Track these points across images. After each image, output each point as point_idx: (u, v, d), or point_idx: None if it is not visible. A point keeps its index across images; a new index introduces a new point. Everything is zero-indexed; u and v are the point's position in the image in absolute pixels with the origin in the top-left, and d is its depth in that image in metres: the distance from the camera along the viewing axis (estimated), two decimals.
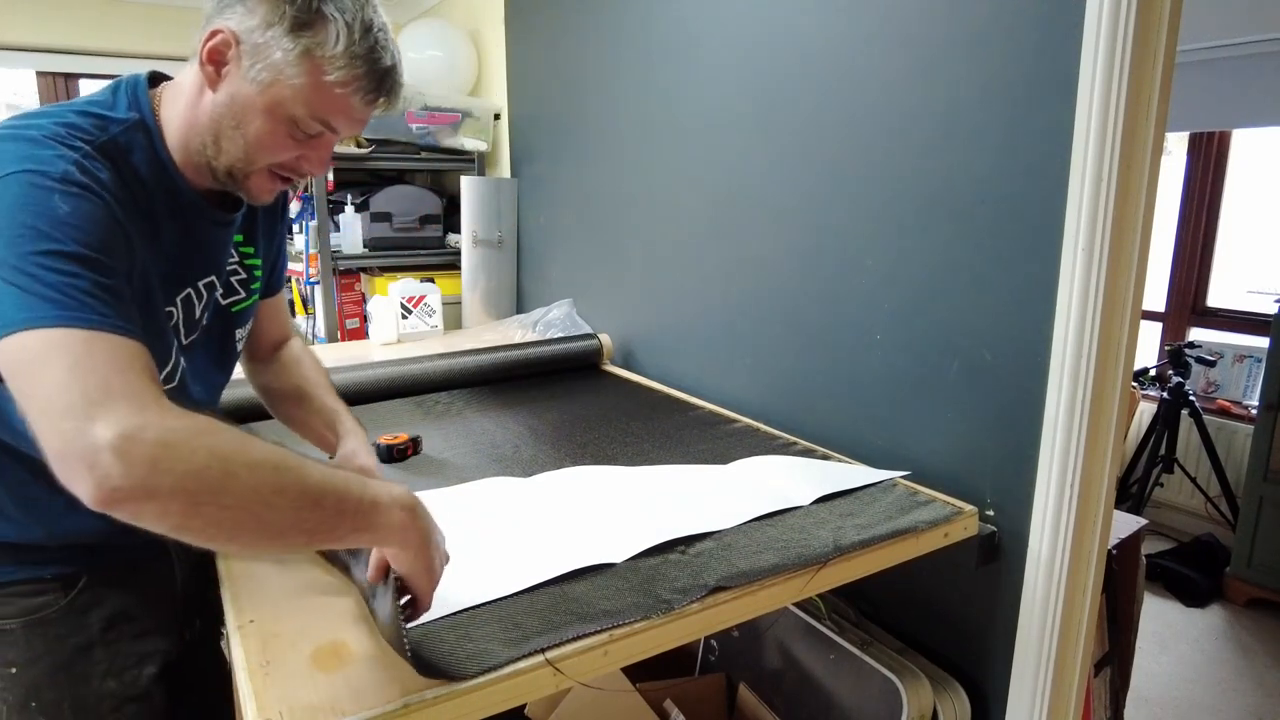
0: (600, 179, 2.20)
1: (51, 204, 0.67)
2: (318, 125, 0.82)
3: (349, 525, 0.67)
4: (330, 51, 0.78)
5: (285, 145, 0.83)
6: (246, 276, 1.02)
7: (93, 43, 3.59)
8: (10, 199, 0.67)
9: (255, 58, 0.78)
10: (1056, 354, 1.09)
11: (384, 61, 0.81)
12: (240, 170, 0.84)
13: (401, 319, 2.50)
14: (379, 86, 0.82)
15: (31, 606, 0.91)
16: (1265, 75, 2.92)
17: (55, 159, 0.70)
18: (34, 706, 0.92)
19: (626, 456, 1.40)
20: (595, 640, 0.83)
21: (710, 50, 1.70)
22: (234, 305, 1.00)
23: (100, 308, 0.65)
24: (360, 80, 0.80)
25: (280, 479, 0.63)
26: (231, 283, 1.00)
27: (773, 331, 1.61)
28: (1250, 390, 3.27)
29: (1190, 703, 2.27)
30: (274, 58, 0.78)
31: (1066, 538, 1.12)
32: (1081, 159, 1.03)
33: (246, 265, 1.02)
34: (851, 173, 1.39)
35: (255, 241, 1.03)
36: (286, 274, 1.17)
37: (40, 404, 0.60)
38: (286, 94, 0.79)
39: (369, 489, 0.69)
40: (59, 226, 0.67)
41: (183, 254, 0.89)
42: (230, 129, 0.81)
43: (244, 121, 0.81)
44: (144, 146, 0.82)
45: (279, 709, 0.72)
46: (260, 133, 0.81)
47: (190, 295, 0.91)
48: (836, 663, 1.31)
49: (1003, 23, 1.12)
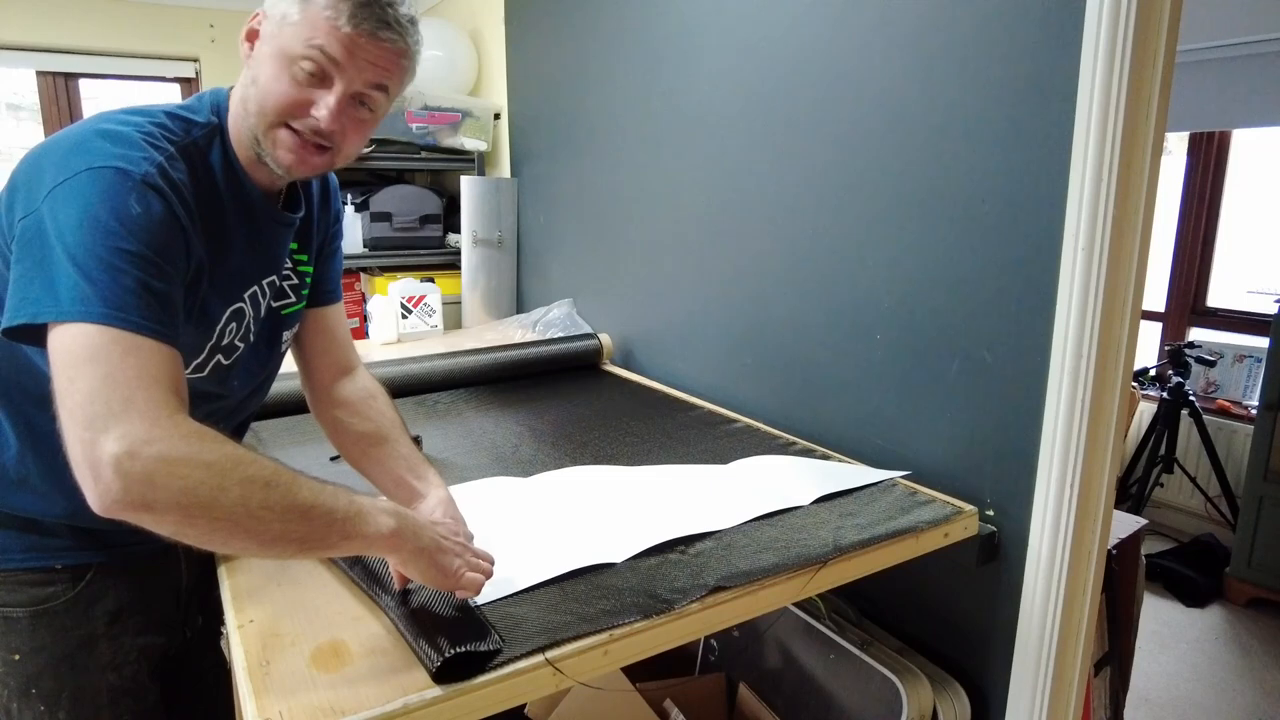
0: (600, 179, 2.20)
1: (128, 203, 0.74)
2: (317, 55, 0.83)
3: (337, 534, 0.74)
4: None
5: (288, 87, 0.84)
6: (298, 281, 1.04)
7: (93, 43, 3.59)
8: (95, 191, 0.73)
9: (271, 18, 0.85)
10: (1056, 354, 1.09)
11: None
12: (261, 129, 0.86)
13: (401, 319, 2.50)
14: (364, 8, 0.83)
15: (40, 596, 0.92)
16: (1265, 75, 2.91)
17: (141, 159, 0.77)
18: (34, 694, 0.94)
19: (626, 456, 1.40)
20: (595, 640, 0.83)
21: (710, 49, 1.70)
22: (284, 308, 1.03)
23: (145, 310, 0.72)
24: (344, 3, 0.82)
25: (269, 495, 0.69)
26: (283, 286, 1.02)
27: (773, 331, 1.61)
28: (1250, 390, 3.27)
29: (1190, 703, 2.27)
30: (281, 9, 0.84)
31: (1066, 538, 1.12)
32: (1081, 159, 1.03)
33: (299, 271, 1.04)
34: (851, 172, 1.39)
35: (309, 248, 1.05)
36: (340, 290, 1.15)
37: (70, 408, 0.67)
38: (287, 34, 0.83)
39: (355, 502, 0.76)
40: (128, 224, 0.73)
41: (251, 252, 0.93)
42: (249, 87, 0.86)
43: (259, 75, 0.85)
44: (219, 149, 0.88)
45: (279, 709, 0.72)
46: (268, 78, 0.84)
47: (257, 293, 0.96)
48: (836, 663, 1.31)
49: (1003, 23, 1.12)
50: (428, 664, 0.75)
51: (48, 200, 0.73)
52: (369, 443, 1.04)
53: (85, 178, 0.74)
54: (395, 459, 1.02)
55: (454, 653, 0.75)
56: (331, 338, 1.11)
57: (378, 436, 1.04)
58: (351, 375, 1.10)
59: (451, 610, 0.84)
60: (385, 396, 1.09)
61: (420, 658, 0.77)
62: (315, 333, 1.09)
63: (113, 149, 0.76)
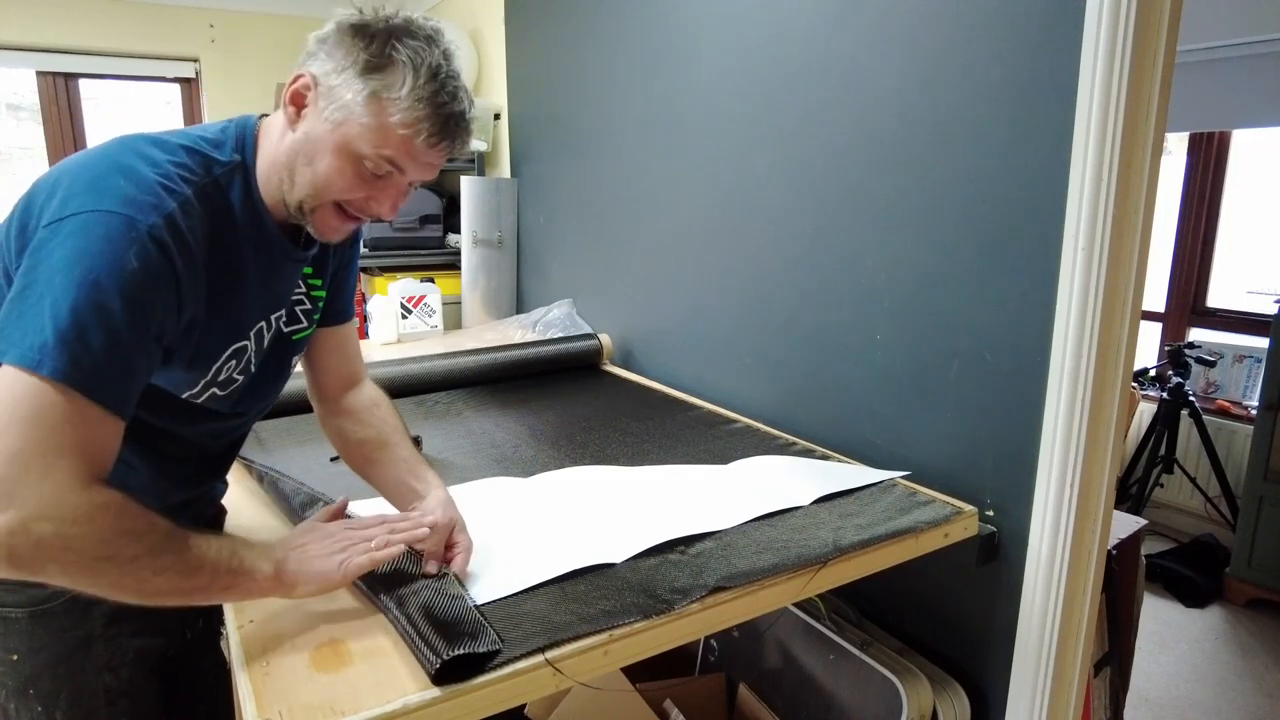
0: (600, 179, 2.20)
1: (127, 257, 0.72)
2: (385, 165, 0.84)
3: (219, 588, 0.77)
4: (396, 94, 0.81)
5: (352, 183, 0.85)
6: (310, 307, 1.04)
7: (93, 43, 3.59)
8: (96, 237, 0.72)
9: (330, 99, 0.82)
10: (1056, 354, 1.09)
11: (449, 107, 0.83)
12: (308, 205, 0.86)
13: (401, 319, 2.50)
14: (442, 130, 0.84)
15: (38, 596, 0.92)
16: (1265, 75, 2.91)
17: (152, 208, 0.75)
18: (31, 694, 0.94)
19: (626, 456, 1.40)
20: (595, 640, 0.83)
21: (710, 50, 1.70)
22: (295, 333, 1.03)
23: (102, 375, 0.71)
24: (423, 122, 0.82)
25: (157, 560, 0.72)
26: (296, 312, 1.02)
27: (773, 331, 1.61)
28: (1250, 390, 3.27)
29: (1190, 703, 2.27)
30: (345, 98, 0.82)
31: (1066, 538, 1.12)
32: (1081, 159, 1.03)
33: (312, 296, 1.04)
34: (851, 172, 1.39)
35: (324, 273, 1.05)
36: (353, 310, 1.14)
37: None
38: (354, 132, 0.82)
39: (237, 555, 0.79)
40: (121, 279, 0.71)
41: (262, 289, 0.92)
42: (303, 165, 0.85)
43: (315, 158, 0.84)
44: (240, 186, 0.87)
45: (279, 709, 0.72)
46: (329, 169, 0.84)
47: (262, 328, 0.95)
48: (836, 663, 1.31)
49: (1003, 23, 1.12)
50: (427, 666, 0.76)
51: (49, 230, 0.73)
52: (371, 448, 1.06)
53: (91, 220, 0.72)
54: (395, 463, 1.04)
55: (452, 655, 0.75)
56: (343, 355, 1.12)
57: (379, 442, 1.06)
58: (358, 387, 1.13)
59: (450, 611, 0.84)
60: (389, 404, 1.12)
61: (420, 659, 0.77)
62: (327, 350, 1.10)
63: (126, 190, 0.75)
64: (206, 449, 1.01)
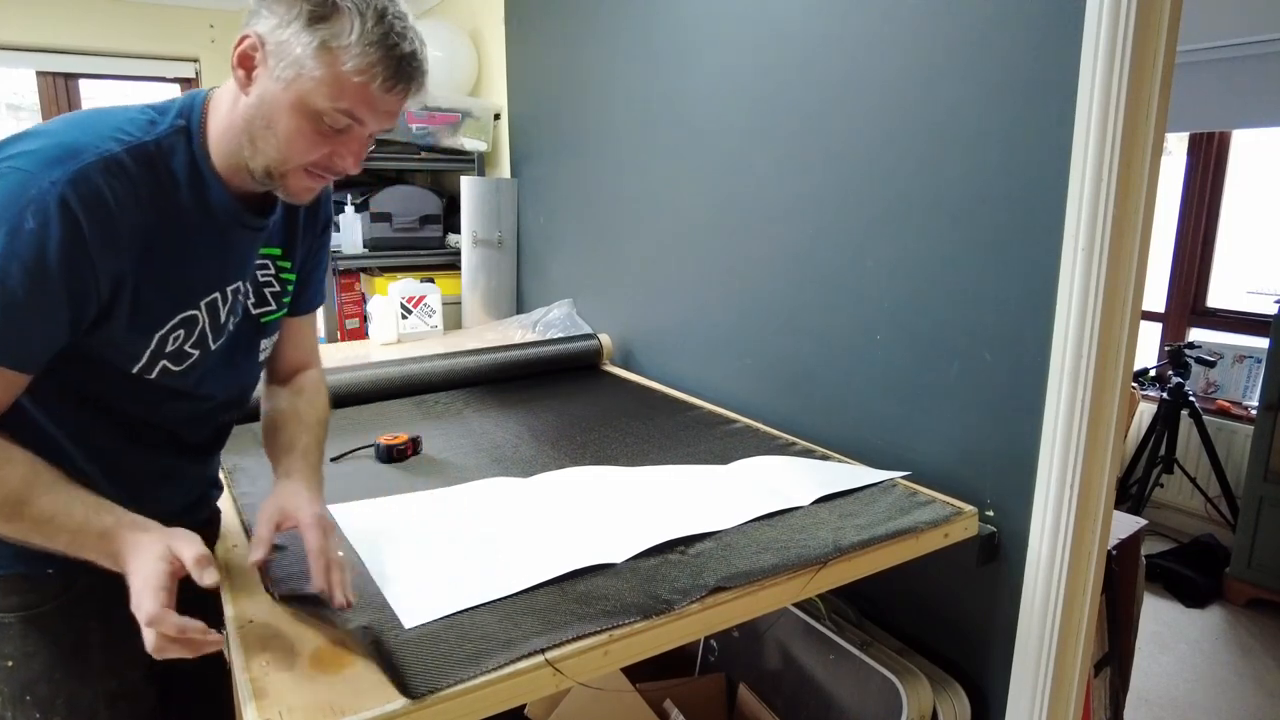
0: (600, 179, 2.20)
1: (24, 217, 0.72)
2: (343, 118, 0.82)
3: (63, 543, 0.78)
4: (345, 41, 0.79)
5: (313, 141, 0.83)
6: (280, 290, 1.03)
7: (93, 43, 3.59)
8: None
9: (279, 56, 0.80)
10: (1056, 354, 1.09)
11: (401, 48, 0.81)
12: (276, 169, 0.85)
13: (401, 319, 2.50)
14: (397, 73, 0.82)
15: (30, 601, 0.91)
16: (1265, 75, 2.91)
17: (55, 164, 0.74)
18: (29, 700, 0.93)
19: (626, 456, 1.40)
20: (595, 640, 0.83)
21: (711, 50, 1.70)
22: (264, 316, 1.01)
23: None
24: (377, 66, 0.80)
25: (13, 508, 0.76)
26: (265, 294, 1.00)
27: (773, 331, 1.61)
28: (1250, 390, 3.27)
29: (1190, 703, 2.27)
30: (295, 53, 0.80)
31: (1066, 538, 1.12)
32: (1081, 159, 1.03)
33: (281, 279, 1.03)
34: (851, 173, 1.39)
35: (293, 256, 1.04)
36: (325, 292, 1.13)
37: None
38: (309, 87, 0.80)
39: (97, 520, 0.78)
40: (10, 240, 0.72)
41: (210, 258, 0.90)
42: (262, 129, 0.83)
43: (274, 120, 0.82)
44: (184, 151, 0.85)
45: (279, 709, 0.72)
46: (289, 130, 0.82)
47: (216, 300, 0.92)
48: (836, 663, 1.31)
49: (1003, 23, 1.12)
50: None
51: None
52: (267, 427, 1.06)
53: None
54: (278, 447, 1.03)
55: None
56: (294, 344, 1.11)
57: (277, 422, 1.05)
58: (303, 374, 1.12)
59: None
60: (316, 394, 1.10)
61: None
62: (283, 338, 1.09)
63: (32, 148, 0.75)
64: (183, 437, 0.98)
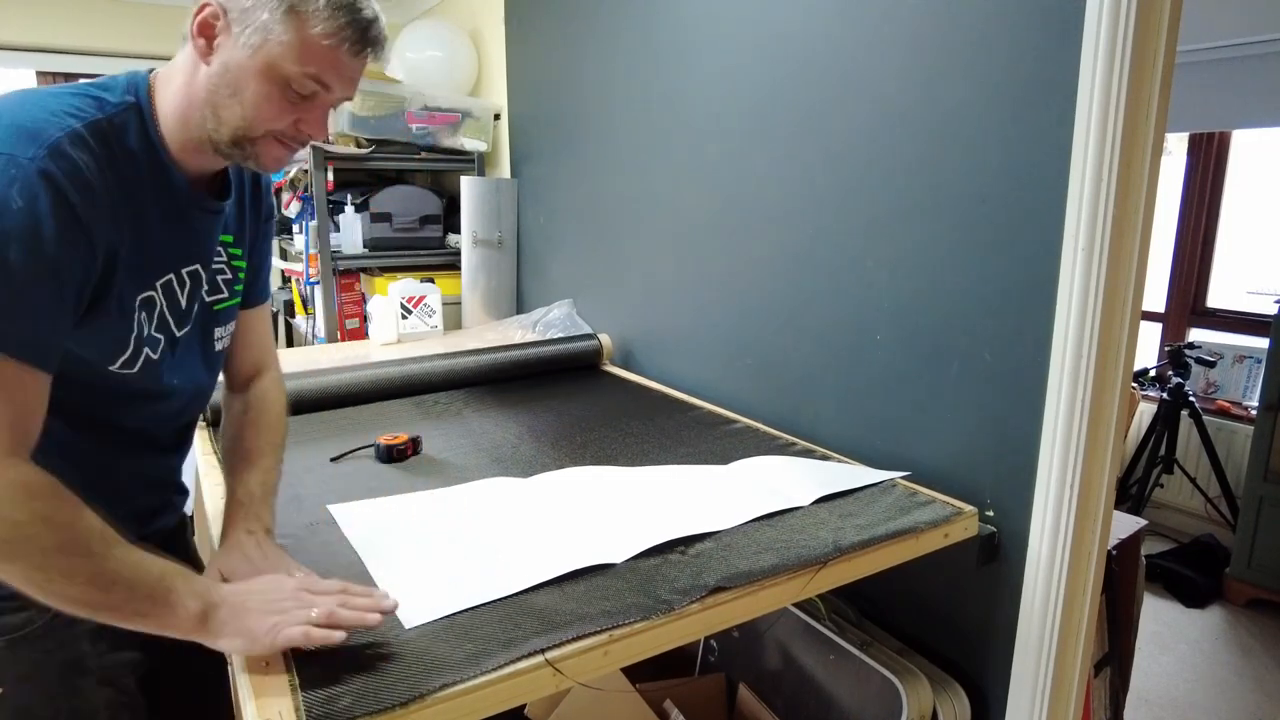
0: (600, 179, 2.20)
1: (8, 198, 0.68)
2: (311, 83, 0.82)
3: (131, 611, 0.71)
4: (313, 5, 0.80)
5: (282, 108, 0.83)
6: (231, 277, 1.02)
7: (93, 43, 3.59)
8: None
9: (244, 22, 0.80)
10: (1056, 354, 1.09)
11: (365, 13, 0.83)
12: (243, 137, 0.84)
13: (401, 319, 2.50)
14: (364, 36, 0.83)
15: (14, 624, 0.88)
16: (1265, 75, 2.91)
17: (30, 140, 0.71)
18: None
19: (626, 456, 1.40)
20: (595, 640, 0.83)
21: (711, 50, 1.70)
22: (216, 304, 1.00)
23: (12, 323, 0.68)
24: (345, 30, 0.81)
25: (70, 560, 0.67)
26: (217, 280, 0.99)
27: (773, 331, 1.61)
28: (1250, 391, 3.27)
29: (1190, 703, 2.27)
30: (261, 19, 0.79)
31: (1066, 538, 1.12)
32: (1081, 159, 1.03)
33: (233, 266, 1.02)
34: (852, 172, 1.39)
35: (243, 243, 1.03)
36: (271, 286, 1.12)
37: None
38: (277, 52, 0.80)
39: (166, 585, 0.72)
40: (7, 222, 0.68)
41: (168, 239, 0.88)
42: (227, 98, 0.82)
43: (240, 88, 0.82)
44: (137, 129, 0.83)
45: (279, 709, 0.71)
46: (256, 97, 0.82)
47: (172, 281, 0.91)
48: (836, 663, 1.31)
49: (1003, 23, 1.12)
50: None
51: None
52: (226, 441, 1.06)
53: None
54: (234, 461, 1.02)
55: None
56: (247, 343, 1.11)
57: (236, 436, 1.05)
58: (260, 376, 1.12)
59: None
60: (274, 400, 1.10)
61: None
62: (238, 337, 1.09)
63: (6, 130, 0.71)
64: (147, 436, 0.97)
